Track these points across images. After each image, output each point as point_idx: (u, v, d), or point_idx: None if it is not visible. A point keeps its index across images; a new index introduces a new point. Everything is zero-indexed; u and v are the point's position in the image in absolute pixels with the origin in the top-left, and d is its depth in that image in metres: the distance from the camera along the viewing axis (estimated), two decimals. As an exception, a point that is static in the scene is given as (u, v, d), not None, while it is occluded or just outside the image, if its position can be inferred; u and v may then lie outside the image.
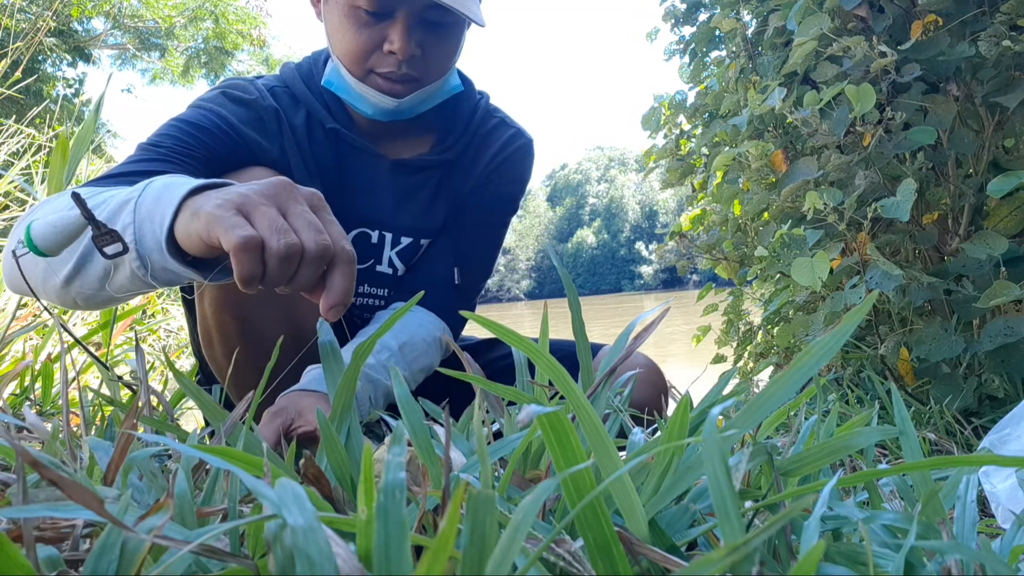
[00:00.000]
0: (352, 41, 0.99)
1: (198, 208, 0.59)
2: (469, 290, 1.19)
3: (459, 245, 1.18)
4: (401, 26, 0.96)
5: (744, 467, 0.38)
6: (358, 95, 1.04)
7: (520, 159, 1.23)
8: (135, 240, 0.64)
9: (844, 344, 0.47)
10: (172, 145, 0.94)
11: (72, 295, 0.74)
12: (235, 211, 0.57)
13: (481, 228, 1.21)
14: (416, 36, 0.98)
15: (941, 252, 1.62)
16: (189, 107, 1.04)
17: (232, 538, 0.35)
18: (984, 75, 1.47)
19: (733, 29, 1.95)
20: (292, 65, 1.17)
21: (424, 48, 1.00)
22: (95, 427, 0.78)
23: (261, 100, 1.06)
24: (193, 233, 0.58)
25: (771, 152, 1.74)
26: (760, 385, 2.13)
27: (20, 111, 6.22)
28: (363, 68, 1.01)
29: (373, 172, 1.13)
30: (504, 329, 0.45)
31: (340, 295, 0.58)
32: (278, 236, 0.55)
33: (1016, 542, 0.43)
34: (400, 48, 0.97)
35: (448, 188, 1.18)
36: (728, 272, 2.30)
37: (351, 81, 1.03)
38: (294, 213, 0.58)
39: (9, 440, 0.36)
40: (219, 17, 9.76)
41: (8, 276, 0.79)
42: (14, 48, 3.52)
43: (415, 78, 1.02)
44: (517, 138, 1.23)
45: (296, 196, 0.60)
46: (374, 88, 1.01)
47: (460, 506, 0.25)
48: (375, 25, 0.98)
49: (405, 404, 0.49)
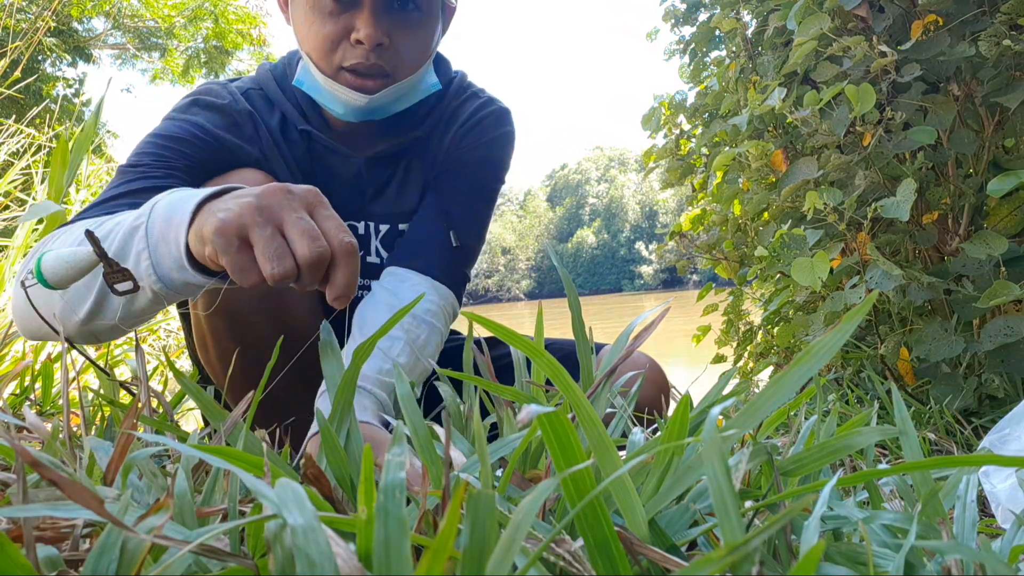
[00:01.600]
0: (318, 33, 0.97)
1: (202, 232, 0.63)
2: (466, 252, 1.15)
3: (447, 208, 1.14)
4: (367, 13, 0.95)
5: (744, 467, 0.38)
6: (328, 93, 1.02)
7: (495, 122, 1.19)
8: (152, 264, 0.68)
9: (844, 344, 0.47)
10: (151, 163, 0.93)
11: (92, 329, 0.76)
12: (235, 237, 0.61)
13: (465, 191, 1.16)
14: (384, 24, 0.96)
15: (941, 252, 1.62)
16: (163, 120, 1.03)
17: (232, 538, 0.35)
18: (984, 75, 1.47)
19: (733, 29, 1.95)
20: (267, 66, 1.15)
21: (393, 38, 0.98)
22: (95, 427, 0.78)
23: (234, 104, 1.05)
24: (206, 256, 0.64)
25: (771, 152, 1.74)
26: (760, 385, 2.13)
27: (20, 111, 6.22)
28: (332, 62, 0.98)
29: (350, 170, 1.12)
30: (504, 329, 0.45)
31: (342, 289, 0.62)
32: (274, 264, 0.59)
33: (1016, 542, 0.43)
34: (367, 36, 0.94)
35: (421, 164, 1.16)
36: (728, 272, 2.30)
37: (321, 79, 1.00)
38: (290, 223, 0.61)
39: (9, 440, 0.36)
40: (219, 17, 9.76)
41: (19, 313, 0.81)
42: (14, 48, 3.52)
43: (386, 71, 0.99)
44: (489, 104, 1.19)
45: (291, 203, 0.62)
46: (344, 84, 0.99)
47: (460, 506, 0.25)
48: (341, 15, 0.96)
49: (406, 404, 0.49)
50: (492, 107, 1.20)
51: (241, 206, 0.61)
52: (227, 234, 0.60)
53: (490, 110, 1.19)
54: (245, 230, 0.61)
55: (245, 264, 0.61)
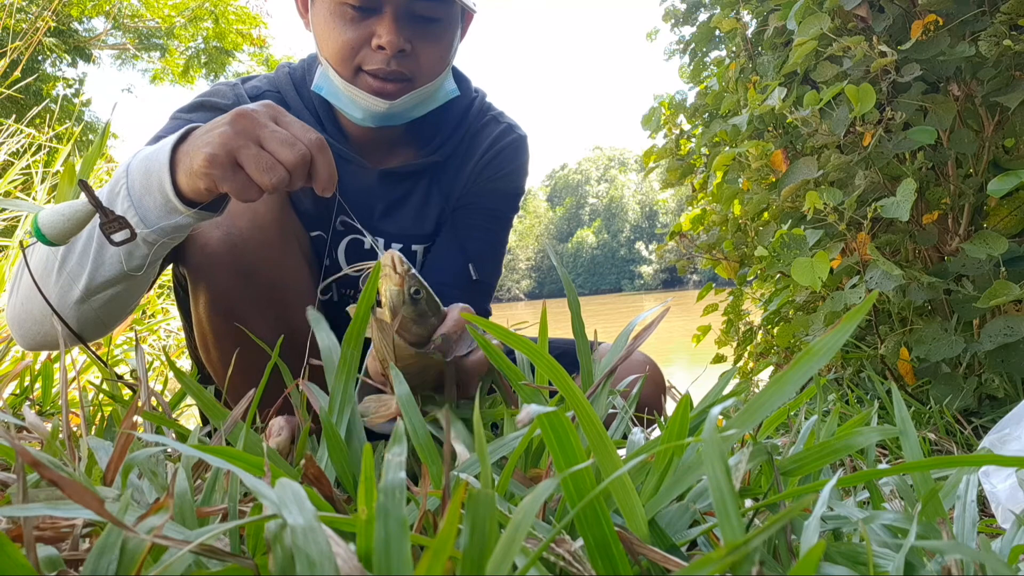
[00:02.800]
0: (339, 38, 0.96)
1: (192, 169, 0.69)
2: (486, 287, 1.16)
3: (465, 244, 1.15)
4: (389, 19, 0.94)
5: (744, 467, 0.38)
6: (347, 98, 1.01)
7: (512, 154, 1.20)
8: (139, 219, 0.73)
9: (844, 344, 0.47)
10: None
11: (93, 306, 0.78)
12: (226, 160, 0.68)
13: (484, 226, 1.18)
14: (405, 30, 0.96)
15: (941, 252, 1.62)
16: (169, 119, 1.03)
17: (232, 538, 0.35)
18: (984, 75, 1.47)
19: (733, 29, 1.95)
20: (287, 68, 1.14)
21: (415, 44, 0.97)
22: (95, 427, 0.78)
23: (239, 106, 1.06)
24: (202, 189, 0.70)
25: (771, 152, 1.74)
26: (760, 385, 2.13)
27: (20, 111, 6.22)
28: (351, 67, 0.98)
29: (361, 182, 1.11)
30: (503, 330, 0.45)
31: (325, 180, 0.72)
32: (268, 175, 0.68)
33: (1016, 542, 0.43)
34: (389, 42, 0.94)
35: (439, 191, 1.16)
36: (728, 272, 2.30)
37: (340, 84, 1.00)
38: (266, 137, 0.69)
39: (9, 440, 0.36)
40: (219, 17, 9.75)
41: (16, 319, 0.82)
42: (13, 48, 3.52)
43: (407, 76, 0.98)
44: (508, 133, 1.20)
45: (260, 121, 0.70)
46: (364, 89, 0.98)
47: (460, 506, 0.25)
48: (362, 20, 0.95)
49: (406, 403, 0.49)
50: (511, 136, 1.20)
51: (221, 136, 0.68)
52: (221, 163, 0.68)
53: (509, 140, 1.20)
54: (233, 154, 0.68)
55: (244, 183, 0.69)
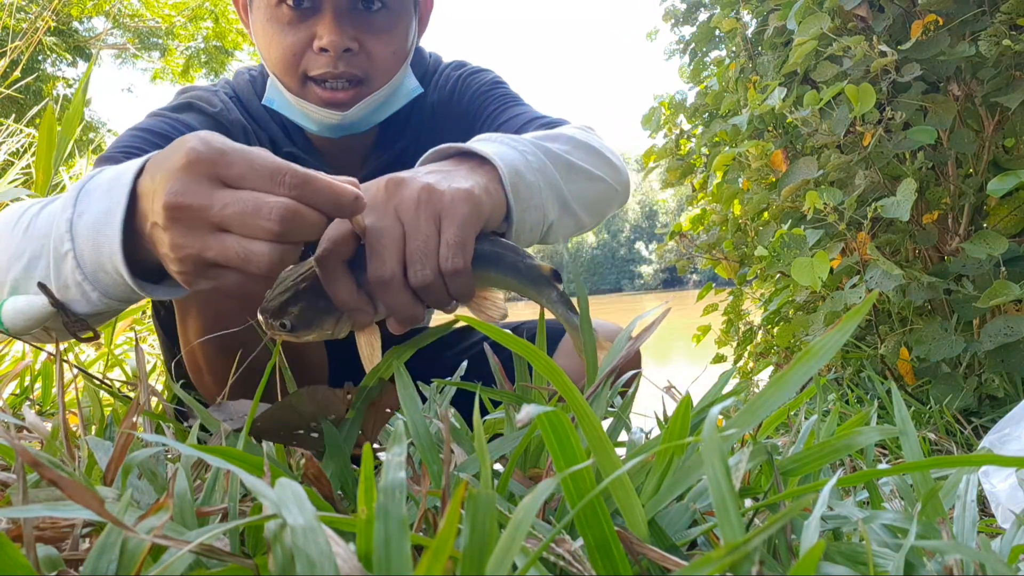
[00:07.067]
0: (279, 44, 0.89)
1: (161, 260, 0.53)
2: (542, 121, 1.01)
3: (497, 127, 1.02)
4: (329, 16, 0.86)
5: (744, 467, 0.38)
6: (299, 112, 0.94)
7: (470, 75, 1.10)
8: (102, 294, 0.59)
9: (844, 344, 0.47)
10: (133, 155, 0.85)
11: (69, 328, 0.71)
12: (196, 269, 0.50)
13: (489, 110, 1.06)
14: (349, 27, 0.87)
15: (941, 252, 1.62)
16: (150, 116, 0.96)
17: (232, 538, 0.35)
18: (984, 75, 1.47)
19: (733, 29, 1.95)
20: (246, 77, 1.06)
21: (362, 40, 0.89)
22: (94, 427, 0.78)
23: (226, 113, 1.00)
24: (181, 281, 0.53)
25: (771, 152, 1.74)
26: (760, 385, 2.13)
27: (20, 111, 6.22)
28: (297, 76, 0.90)
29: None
30: (497, 330, 0.45)
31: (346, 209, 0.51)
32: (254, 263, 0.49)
33: (1016, 542, 0.43)
34: (331, 42, 0.86)
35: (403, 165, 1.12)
36: (728, 272, 2.30)
37: (290, 97, 0.93)
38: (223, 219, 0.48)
39: (9, 440, 0.36)
40: (219, 17, 9.75)
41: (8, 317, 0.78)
42: (13, 47, 3.51)
43: (358, 77, 0.90)
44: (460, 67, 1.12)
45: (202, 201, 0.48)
46: (314, 102, 0.91)
47: (460, 506, 0.25)
48: (302, 22, 0.88)
49: (405, 402, 0.49)
50: (464, 67, 1.12)
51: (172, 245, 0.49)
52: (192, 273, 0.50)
53: (463, 70, 1.12)
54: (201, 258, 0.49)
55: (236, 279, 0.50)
